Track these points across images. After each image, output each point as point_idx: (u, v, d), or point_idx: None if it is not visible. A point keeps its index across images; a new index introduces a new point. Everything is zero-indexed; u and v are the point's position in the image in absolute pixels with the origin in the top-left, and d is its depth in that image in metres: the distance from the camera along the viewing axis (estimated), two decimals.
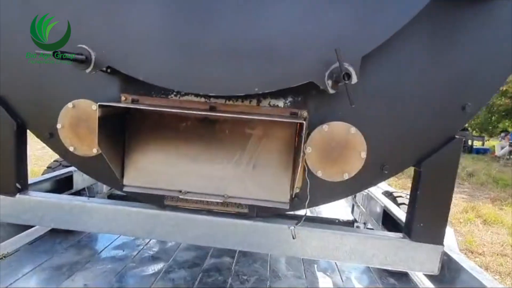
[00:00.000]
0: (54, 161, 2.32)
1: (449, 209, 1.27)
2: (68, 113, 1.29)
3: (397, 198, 2.13)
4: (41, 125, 1.39)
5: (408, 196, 2.17)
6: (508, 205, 6.28)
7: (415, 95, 1.21)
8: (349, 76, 0.98)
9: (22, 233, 1.83)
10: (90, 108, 1.28)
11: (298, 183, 1.30)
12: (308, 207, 1.29)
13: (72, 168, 2.10)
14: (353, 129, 1.18)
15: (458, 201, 6.30)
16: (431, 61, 1.19)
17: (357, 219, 2.36)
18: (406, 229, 1.33)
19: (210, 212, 1.39)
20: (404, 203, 2.04)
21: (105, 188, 2.42)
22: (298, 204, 1.33)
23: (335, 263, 2.18)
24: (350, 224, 2.25)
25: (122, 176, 1.38)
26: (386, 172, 1.27)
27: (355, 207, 2.45)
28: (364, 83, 1.17)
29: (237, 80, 1.13)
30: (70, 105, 1.28)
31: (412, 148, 1.26)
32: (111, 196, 2.42)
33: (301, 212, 1.34)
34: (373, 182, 1.31)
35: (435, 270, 1.30)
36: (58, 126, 1.29)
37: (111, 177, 1.36)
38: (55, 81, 1.35)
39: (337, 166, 1.21)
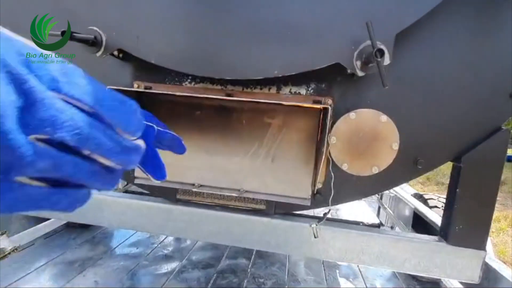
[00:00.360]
0: None
1: (493, 209, 1.12)
2: None
3: (428, 201, 1.97)
4: None
5: (440, 199, 2.02)
6: None
7: (455, 80, 1.08)
8: (382, 53, 0.86)
9: (37, 226, 1.80)
10: None
11: (320, 178, 1.19)
12: (332, 204, 1.18)
13: None
14: (384, 117, 1.06)
15: None
16: (475, 41, 1.05)
17: (383, 223, 2.21)
18: (443, 232, 1.19)
19: (225, 208, 1.30)
20: (436, 206, 1.87)
21: (120, 184, 2.38)
22: (320, 201, 1.21)
23: (359, 269, 2.03)
24: (376, 227, 2.10)
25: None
26: (420, 167, 1.13)
27: (381, 210, 2.29)
28: (397, 66, 1.06)
29: (255, 63, 1.04)
30: None
31: (450, 141, 1.12)
32: (127, 192, 2.37)
33: (322, 213, 1.23)
34: (405, 178, 1.18)
35: (475, 278, 1.15)
36: None
37: None
38: None
39: (365, 159, 1.09)
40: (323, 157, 1.07)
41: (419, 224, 1.72)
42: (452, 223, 1.14)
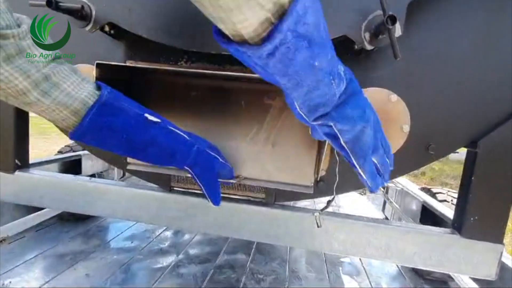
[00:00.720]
0: (65, 146, 2.23)
1: (511, 199, 1.03)
2: None
3: (437, 195, 1.88)
4: None
5: (449, 193, 1.93)
6: None
7: (472, 57, 0.99)
8: (393, 20, 0.78)
9: (27, 216, 1.73)
10: (92, 74, 1.14)
11: (324, 164, 1.11)
12: (337, 193, 1.09)
13: (81, 152, 2.00)
14: (394, 97, 0.98)
15: None
16: (496, 16, 0.97)
17: (388, 217, 2.12)
18: (456, 224, 1.10)
19: (221, 197, 1.22)
20: (445, 200, 1.78)
21: (116, 176, 2.31)
22: (323, 189, 1.13)
23: (363, 266, 1.95)
24: None
25: None
26: (432, 153, 1.05)
27: (387, 204, 2.20)
28: (408, 41, 0.98)
29: None
30: None
31: (465, 124, 1.03)
32: None
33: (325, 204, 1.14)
34: (416, 165, 1.09)
35: (492, 274, 1.06)
36: None
37: (114, 154, 1.21)
38: None
39: None
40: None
41: (428, 218, 1.63)
42: (466, 214, 1.05)
